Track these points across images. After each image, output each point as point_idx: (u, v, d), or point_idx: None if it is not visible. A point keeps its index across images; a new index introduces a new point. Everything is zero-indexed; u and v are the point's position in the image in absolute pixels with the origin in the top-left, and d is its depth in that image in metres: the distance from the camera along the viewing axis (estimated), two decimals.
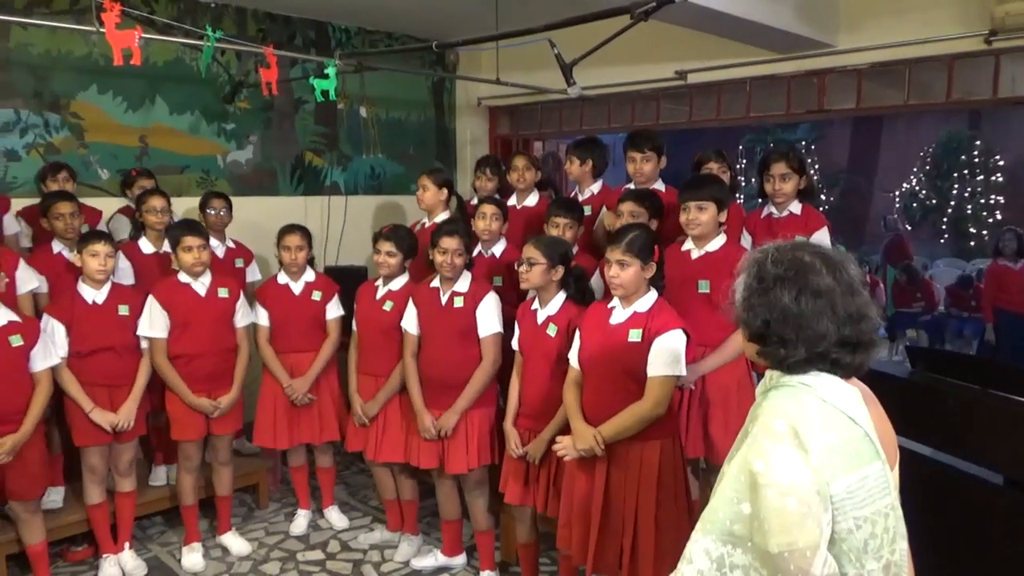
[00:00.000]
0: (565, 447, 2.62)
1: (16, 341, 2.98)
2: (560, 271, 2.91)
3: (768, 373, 1.44)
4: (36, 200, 3.89)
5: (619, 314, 2.62)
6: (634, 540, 2.54)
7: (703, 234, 2.95)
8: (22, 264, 3.43)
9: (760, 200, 3.64)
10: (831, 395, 1.34)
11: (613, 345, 2.57)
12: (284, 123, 5.22)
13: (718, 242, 2.96)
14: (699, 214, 2.91)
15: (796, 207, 3.40)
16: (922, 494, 1.60)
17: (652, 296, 2.61)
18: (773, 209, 3.46)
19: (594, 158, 3.84)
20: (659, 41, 4.53)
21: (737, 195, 7.24)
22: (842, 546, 1.28)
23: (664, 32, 3.99)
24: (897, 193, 12.65)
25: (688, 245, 3.02)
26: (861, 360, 1.37)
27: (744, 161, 12.71)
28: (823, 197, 12.25)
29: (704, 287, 2.92)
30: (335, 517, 3.96)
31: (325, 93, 3.69)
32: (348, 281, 3.96)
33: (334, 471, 4.02)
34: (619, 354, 2.55)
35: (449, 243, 3.16)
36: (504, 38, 3.56)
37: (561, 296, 2.94)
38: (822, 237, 3.26)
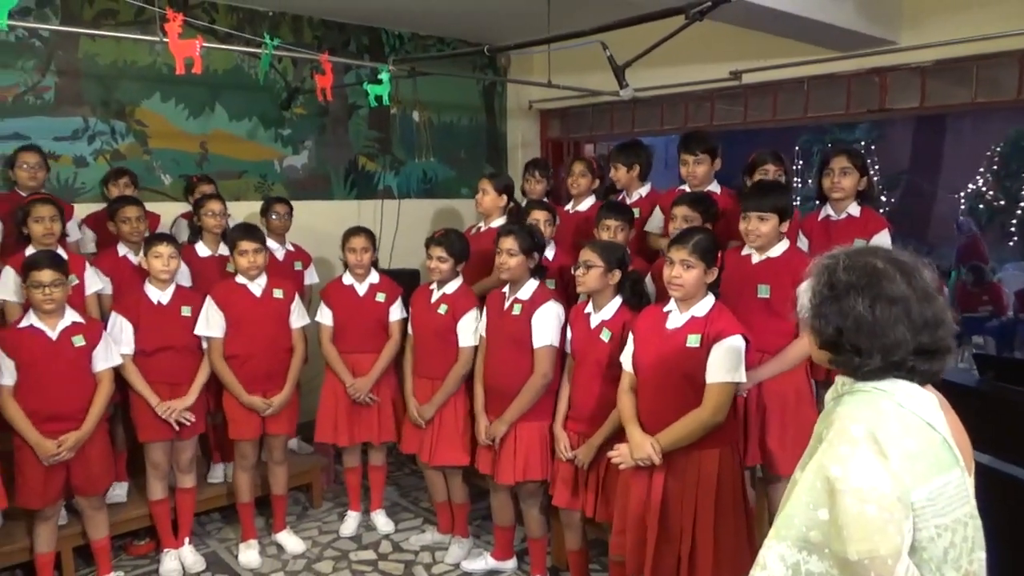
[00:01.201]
0: (622, 455, 2.57)
1: (79, 341, 3.09)
2: (617, 275, 2.87)
3: (839, 379, 1.40)
4: (101, 204, 4.03)
5: (676, 319, 2.57)
6: (692, 550, 2.49)
7: (763, 245, 2.88)
8: (88, 267, 3.55)
9: (817, 202, 3.54)
10: (908, 401, 1.30)
11: (670, 351, 2.53)
12: (338, 128, 5.30)
13: (780, 247, 2.89)
14: (760, 224, 2.83)
15: (855, 209, 3.30)
16: (993, 508, 1.53)
17: (710, 300, 2.56)
18: (831, 211, 3.37)
19: (640, 162, 3.80)
20: (713, 41, 4.46)
21: (793, 197, 7.07)
22: (922, 555, 1.25)
23: (718, 32, 3.92)
24: (962, 194, 12.20)
25: (748, 249, 2.96)
26: (938, 367, 1.33)
27: (801, 162, 12.44)
28: (883, 198, 11.89)
29: (764, 292, 2.86)
30: (381, 521, 3.98)
31: (379, 98, 3.72)
32: (401, 284, 3.99)
33: (385, 470, 4.04)
34: (677, 360, 2.51)
35: (503, 242, 3.15)
36: (556, 41, 3.54)
37: (617, 301, 2.90)
38: (883, 240, 3.15)
